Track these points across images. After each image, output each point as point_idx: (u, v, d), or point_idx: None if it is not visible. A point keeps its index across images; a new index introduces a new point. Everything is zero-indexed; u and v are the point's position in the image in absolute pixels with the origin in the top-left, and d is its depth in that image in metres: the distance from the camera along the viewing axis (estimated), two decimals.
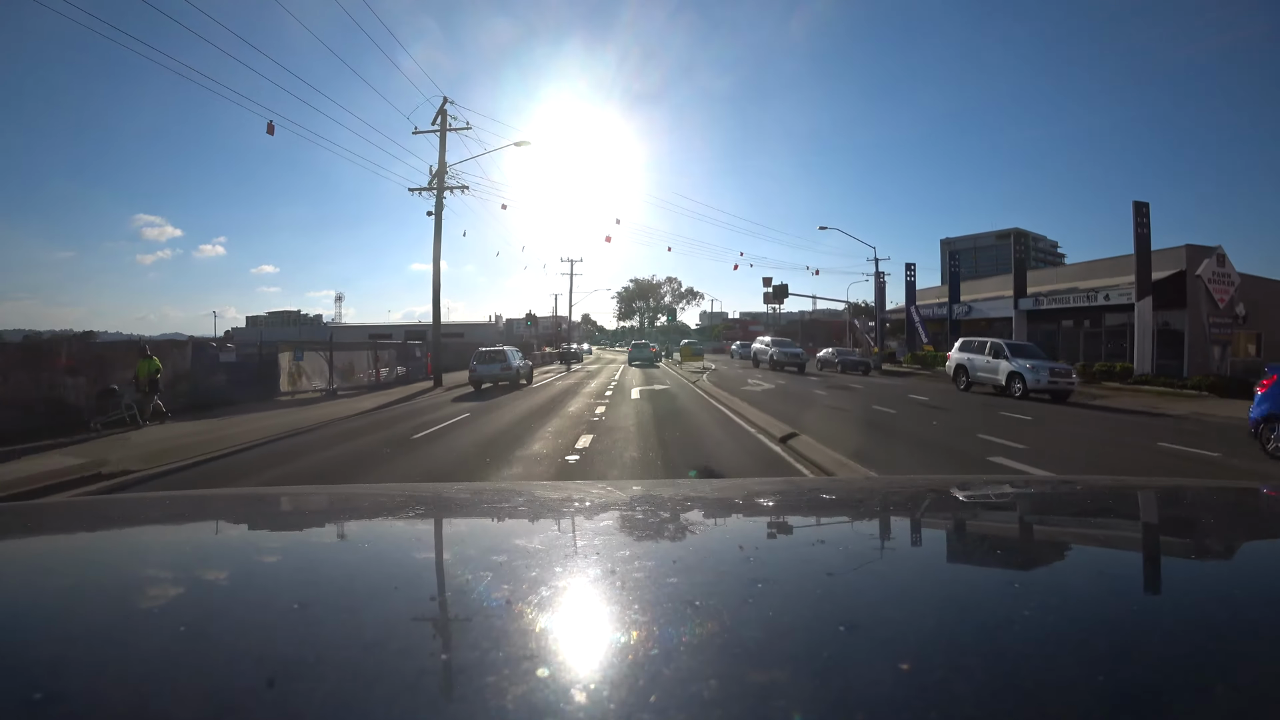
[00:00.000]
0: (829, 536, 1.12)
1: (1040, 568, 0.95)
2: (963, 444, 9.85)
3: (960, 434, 10.84)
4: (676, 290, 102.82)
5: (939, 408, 15.23)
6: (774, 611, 0.68)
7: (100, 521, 1.25)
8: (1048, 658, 0.58)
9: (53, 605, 0.74)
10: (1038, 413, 14.32)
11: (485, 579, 0.77)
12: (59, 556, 1.02)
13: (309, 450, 9.78)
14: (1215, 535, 1.14)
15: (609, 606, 0.69)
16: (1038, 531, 1.19)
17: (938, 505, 1.37)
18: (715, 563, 0.92)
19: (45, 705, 0.48)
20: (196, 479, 7.85)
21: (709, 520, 1.24)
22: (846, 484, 2.36)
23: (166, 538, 1.13)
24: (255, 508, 1.42)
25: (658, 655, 0.55)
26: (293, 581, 0.84)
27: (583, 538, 1.05)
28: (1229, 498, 1.46)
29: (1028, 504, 1.43)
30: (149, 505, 1.49)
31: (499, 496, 1.47)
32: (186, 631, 0.63)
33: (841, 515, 1.30)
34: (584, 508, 1.29)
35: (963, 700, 0.49)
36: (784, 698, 0.49)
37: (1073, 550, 1.06)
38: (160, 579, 0.85)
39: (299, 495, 1.84)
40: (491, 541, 1.08)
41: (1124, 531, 1.22)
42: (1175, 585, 0.86)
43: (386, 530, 1.17)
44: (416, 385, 22.93)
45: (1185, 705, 0.51)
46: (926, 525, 1.23)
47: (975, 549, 1.09)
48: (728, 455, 8.76)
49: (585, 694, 0.48)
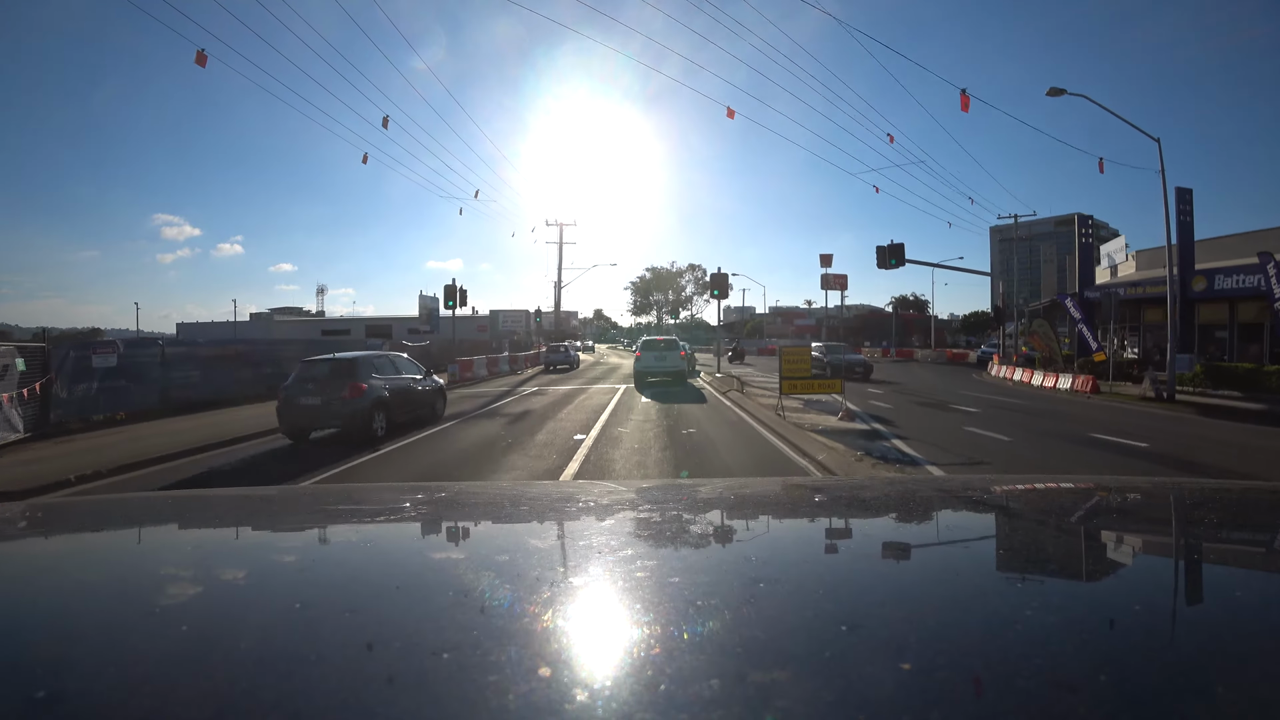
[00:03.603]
0: (830, 536, 1.13)
1: (1041, 567, 0.92)
2: None
3: None
4: (699, 280, 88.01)
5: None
6: (775, 611, 0.68)
7: (102, 521, 1.26)
8: (1049, 657, 0.58)
9: (54, 604, 0.75)
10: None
11: (487, 578, 0.78)
12: (60, 556, 1.03)
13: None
14: (1216, 535, 1.12)
15: (611, 606, 0.70)
16: (1039, 532, 1.17)
17: (939, 505, 1.35)
18: (717, 562, 0.92)
19: (48, 704, 0.49)
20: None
21: (710, 520, 1.24)
22: (847, 484, 2.33)
23: (167, 537, 1.15)
24: (256, 507, 1.41)
25: (660, 655, 0.55)
26: (294, 581, 0.83)
27: (585, 537, 1.06)
28: (1232, 497, 1.43)
29: (1028, 504, 1.41)
30: (150, 505, 1.54)
31: (501, 496, 1.49)
32: (188, 631, 0.64)
33: (843, 515, 1.29)
34: (586, 508, 1.28)
35: (964, 700, 0.49)
36: (786, 697, 0.49)
37: (1074, 550, 1.04)
38: (161, 578, 0.86)
39: (300, 495, 1.99)
40: (494, 541, 1.09)
41: (1125, 532, 1.20)
42: (1176, 585, 0.86)
43: (388, 529, 1.15)
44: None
45: (1186, 705, 0.50)
46: (927, 525, 1.23)
47: (976, 549, 1.07)
48: None
49: (587, 693, 0.48)
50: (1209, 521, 1.23)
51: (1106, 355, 22.40)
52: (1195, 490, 1.60)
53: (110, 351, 13.61)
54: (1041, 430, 11.68)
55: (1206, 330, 21.62)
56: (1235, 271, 19.49)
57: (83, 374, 13.06)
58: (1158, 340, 25.54)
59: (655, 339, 22.41)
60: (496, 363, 29.17)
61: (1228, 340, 21.21)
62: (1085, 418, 13.81)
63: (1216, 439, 11.08)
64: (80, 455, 9.32)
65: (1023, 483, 1.86)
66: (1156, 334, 25.53)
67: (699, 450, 9.33)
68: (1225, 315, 21.19)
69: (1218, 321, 21.46)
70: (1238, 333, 21.08)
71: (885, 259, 24.43)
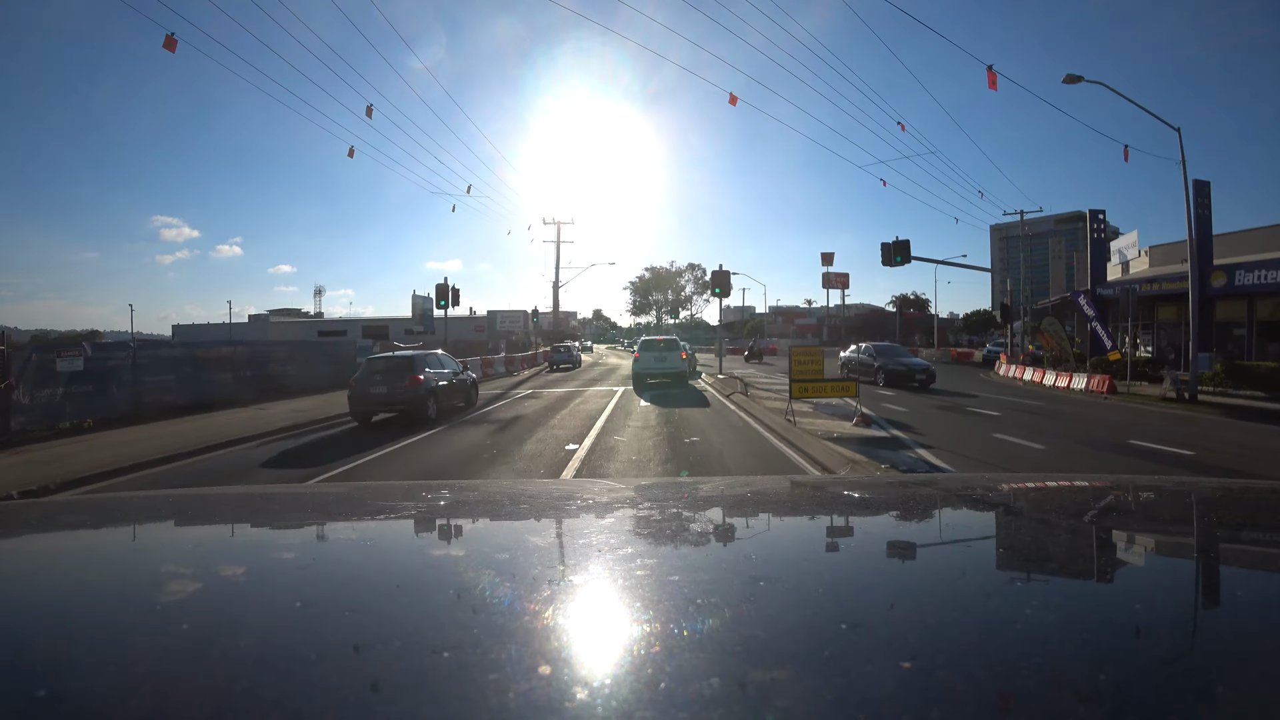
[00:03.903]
0: (830, 535, 1.13)
1: (1042, 567, 0.92)
2: None
3: None
4: (699, 279, 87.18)
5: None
6: (775, 609, 0.68)
7: (102, 519, 1.25)
8: (1049, 656, 0.57)
9: (55, 603, 0.75)
10: None
11: (488, 576, 0.78)
12: (60, 554, 1.02)
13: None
14: (1218, 534, 1.12)
15: (611, 604, 0.70)
16: (1039, 531, 1.15)
17: (939, 504, 1.34)
18: (716, 561, 0.92)
19: (49, 703, 0.49)
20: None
21: (710, 518, 1.23)
22: (847, 482, 2.31)
23: (168, 536, 1.14)
24: (256, 506, 1.42)
25: (660, 653, 0.55)
26: (294, 579, 0.83)
27: (585, 535, 1.06)
28: (1234, 497, 1.41)
29: (1029, 503, 1.40)
30: (151, 504, 1.50)
31: (501, 494, 1.48)
32: (189, 629, 0.64)
33: (843, 513, 1.29)
34: (586, 506, 1.28)
35: (964, 699, 0.49)
36: (786, 696, 0.49)
37: (1074, 550, 1.04)
38: (162, 577, 0.85)
39: (300, 494, 1.94)
40: (494, 539, 1.08)
41: (1126, 531, 1.19)
42: (1177, 585, 0.86)
43: (388, 528, 1.15)
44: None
45: (1187, 705, 0.50)
46: (928, 523, 1.22)
47: (977, 548, 1.06)
48: None
49: (587, 691, 0.48)
50: (1211, 520, 1.21)
51: (1121, 354, 21.68)
52: (1200, 488, 1.55)
53: (76, 355, 12.85)
54: (1075, 437, 10.89)
55: (1224, 328, 20.92)
56: (1258, 267, 18.77)
57: (47, 378, 12.24)
58: (1171, 338, 24.82)
59: (655, 339, 21.41)
60: (491, 364, 28.27)
61: (1246, 338, 20.52)
62: (1112, 421, 13.05)
63: (1261, 445, 10.32)
64: (31, 467, 8.59)
65: (1023, 481, 1.82)
66: (1170, 332, 24.81)
67: (704, 462, 8.50)
68: (1244, 313, 20.50)
69: (1235, 319, 20.77)
70: (1256, 330, 20.38)
71: (891, 256, 23.72)
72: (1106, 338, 22.08)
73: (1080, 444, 10.23)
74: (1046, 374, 22.45)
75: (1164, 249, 25.63)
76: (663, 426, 11.53)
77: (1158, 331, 24.94)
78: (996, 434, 10.92)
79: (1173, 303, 23.78)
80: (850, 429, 10.46)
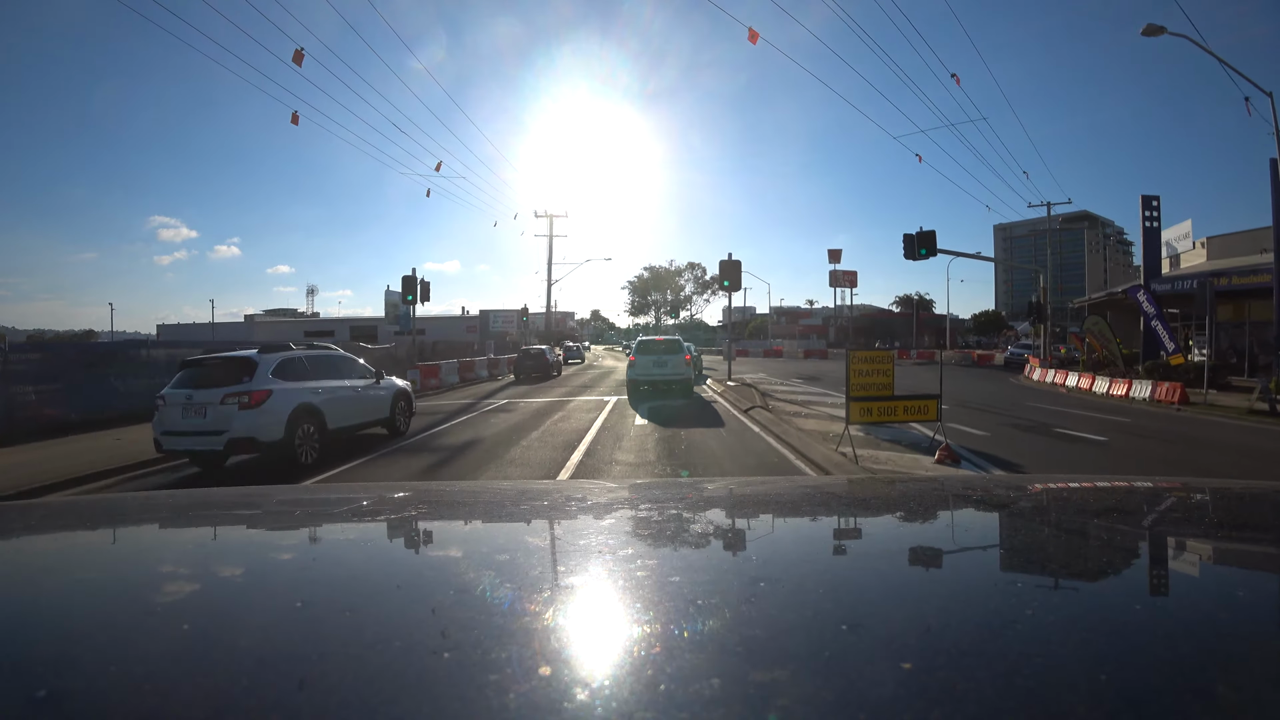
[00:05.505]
0: (830, 535, 1.13)
1: (1042, 567, 0.92)
2: None
3: None
4: (699, 279, 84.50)
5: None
6: (776, 610, 0.68)
7: (101, 520, 1.24)
8: (1049, 657, 0.57)
9: (55, 603, 0.75)
10: None
11: (488, 577, 0.77)
12: (60, 555, 1.02)
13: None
14: (1219, 535, 1.10)
15: (612, 605, 0.70)
16: (1040, 531, 1.15)
17: (940, 504, 1.35)
18: (717, 561, 0.92)
19: (49, 703, 0.49)
20: None
21: (711, 519, 1.23)
22: (847, 483, 2.27)
23: (168, 536, 1.13)
24: (257, 506, 1.40)
25: (660, 654, 0.55)
26: (294, 580, 0.83)
27: (585, 536, 1.06)
28: (1235, 496, 1.40)
29: (1030, 504, 1.38)
30: (151, 504, 1.50)
31: (501, 495, 1.46)
32: (189, 629, 0.64)
33: (843, 514, 1.28)
34: (586, 506, 1.27)
35: (964, 699, 0.49)
36: (786, 696, 0.49)
37: (1074, 550, 1.02)
38: (162, 577, 0.85)
39: (300, 494, 1.98)
40: (494, 540, 1.07)
41: (1126, 531, 1.17)
42: (1178, 586, 0.85)
43: (388, 528, 1.14)
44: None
45: (1187, 706, 0.50)
46: (930, 525, 1.21)
47: (977, 548, 1.05)
48: None
49: (588, 692, 0.49)
50: (1212, 521, 1.20)
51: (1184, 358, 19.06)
52: (1200, 490, 1.50)
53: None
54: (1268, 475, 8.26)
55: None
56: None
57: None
58: (1233, 340, 22.25)
59: (653, 339, 18.12)
60: (472, 367, 25.45)
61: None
62: (1236, 445, 10.43)
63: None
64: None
65: (1025, 483, 1.77)
66: (1231, 333, 22.21)
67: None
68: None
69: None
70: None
71: (914, 249, 21.14)
72: (1169, 338, 19.39)
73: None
74: (1097, 380, 19.78)
75: (1224, 240, 23.08)
76: (664, 460, 8.57)
77: (1215, 332, 22.33)
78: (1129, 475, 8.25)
79: (1232, 300, 21.21)
80: (931, 467, 7.58)
